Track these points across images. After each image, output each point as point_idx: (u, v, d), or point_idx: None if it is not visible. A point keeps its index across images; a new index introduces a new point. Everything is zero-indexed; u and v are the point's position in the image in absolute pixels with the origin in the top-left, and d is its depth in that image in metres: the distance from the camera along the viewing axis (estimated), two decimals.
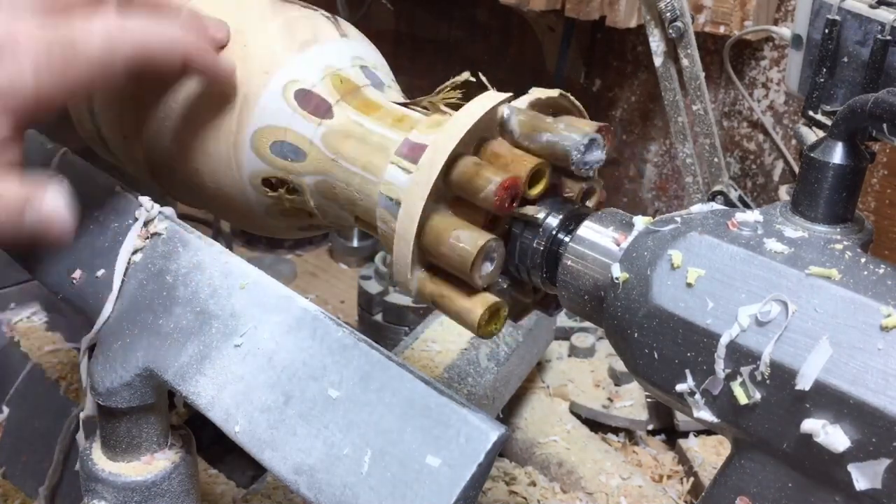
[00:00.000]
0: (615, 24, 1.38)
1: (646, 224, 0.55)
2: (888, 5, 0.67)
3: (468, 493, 0.46)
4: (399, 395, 0.50)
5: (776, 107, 1.47)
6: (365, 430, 0.49)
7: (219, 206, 0.73)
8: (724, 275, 0.48)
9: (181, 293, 0.59)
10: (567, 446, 1.12)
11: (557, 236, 0.59)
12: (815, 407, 0.44)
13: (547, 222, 0.59)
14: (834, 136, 0.51)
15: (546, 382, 1.23)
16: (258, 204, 0.69)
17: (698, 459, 1.12)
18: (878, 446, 0.42)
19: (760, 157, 1.51)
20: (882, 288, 0.45)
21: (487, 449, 0.46)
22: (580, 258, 0.57)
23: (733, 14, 1.35)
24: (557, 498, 1.07)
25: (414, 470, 0.47)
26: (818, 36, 0.70)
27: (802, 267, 0.47)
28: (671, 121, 1.24)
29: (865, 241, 0.51)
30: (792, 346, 0.45)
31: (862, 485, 0.43)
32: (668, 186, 1.63)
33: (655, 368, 0.50)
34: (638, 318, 0.51)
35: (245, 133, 0.66)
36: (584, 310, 0.58)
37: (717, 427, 0.49)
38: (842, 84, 0.69)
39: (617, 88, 1.65)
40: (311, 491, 0.50)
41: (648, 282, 0.50)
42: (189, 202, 0.77)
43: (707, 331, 0.48)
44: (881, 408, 0.42)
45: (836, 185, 0.51)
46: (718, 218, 0.53)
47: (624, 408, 1.19)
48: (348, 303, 1.55)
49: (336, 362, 0.52)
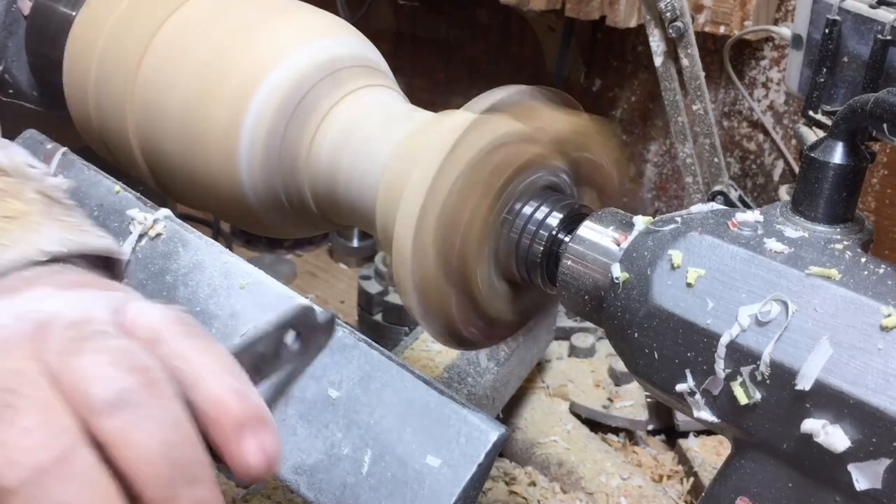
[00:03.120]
0: (615, 24, 1.38)
1: (646, 224, 0.55)
2: (888, 5, 0.67)
3: (468, 493, 0.46)
4: (399, 395, 0.50)
5: (776, 107, 1.47)
6: (365, 430, 0.49)
7: (218, 206, 0.73)
8: (725, 275, 0.48)
9: (181, 293, 0.59)
10: (567, 446, 1.12)
11: (557, 236, 0.58)
12: (815, 407, 0.44)
13: (547, 222, 0.59)
14: (834, 135, 0.51)
15: (546, 382, 1.23)
16: (258, 204, 0.69)
17: (698, 459, 1.12)
18: (878, 446, 0.42)
19: (760, 157, 1.51)
20: (882, 288, 0.45)
21: (487, 449, 0.46)
22: (580, 258, 0.57)
23: (733, 14, 1.35)
24: (557, 498, 1.07)
25: (414, 470, 0.47)
26: (818, 36, 0.70)
27: (802, 267, 0.47)
28: (671, 121, 1.24)
29: (865, 241, 0.51)
30: (792, 346, 0.45)
31: (862, 485, 0.43)
32: (668, 186, 1.63)
33: (655, 368, 0.50)
34: (638, 318, 0.51)
35: (244, 133, 0.66)
36: (584, 310, 0.58)
37: (717, 427, 0.49)
38: (842, 84, 0.69)
39: (617, 88, 1.65)
40: (311, 491, 0.50)
41: (648, 282, 0.50)
42: (189, 202, 0.77)
43: (707, 331, 0.48)
44: (881, 408, 0.42)
45: (836, 185, 0.51)
46: (718, 218, 0.53)
47: (624, 408, 1.19)
48: (348, 303, 1.55)
49: (336, 362, 0.52)
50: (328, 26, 0.71)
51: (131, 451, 0.38)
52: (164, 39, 0.71)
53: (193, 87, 0.68)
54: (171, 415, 0.39)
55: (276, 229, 0.75)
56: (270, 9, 0.71)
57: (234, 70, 0.67)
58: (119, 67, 0.73)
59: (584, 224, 0.58)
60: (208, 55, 0.69)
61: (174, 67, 0.70)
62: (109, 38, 0.74)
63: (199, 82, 0.68)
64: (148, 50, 0.71)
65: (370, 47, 0.73)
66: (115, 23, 0.75)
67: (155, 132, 0.71)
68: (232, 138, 0.66)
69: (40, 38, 0.82)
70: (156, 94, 0.70)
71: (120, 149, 0.76)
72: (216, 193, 0.70)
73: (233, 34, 0.69)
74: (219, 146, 0.67)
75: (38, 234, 0.47)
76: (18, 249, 0.45)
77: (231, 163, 0.67)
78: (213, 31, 0.70)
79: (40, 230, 0.47)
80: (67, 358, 0.39)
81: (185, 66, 0.69)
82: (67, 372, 0.39)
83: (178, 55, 0.70)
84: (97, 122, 0.77)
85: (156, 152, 0.72)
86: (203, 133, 0.68)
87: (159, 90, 0.70)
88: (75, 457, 0.37)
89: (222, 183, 0.69)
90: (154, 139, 0.71)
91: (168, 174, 0.73)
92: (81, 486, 0.37)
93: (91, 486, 0.37)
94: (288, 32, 0.69)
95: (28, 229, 0.47)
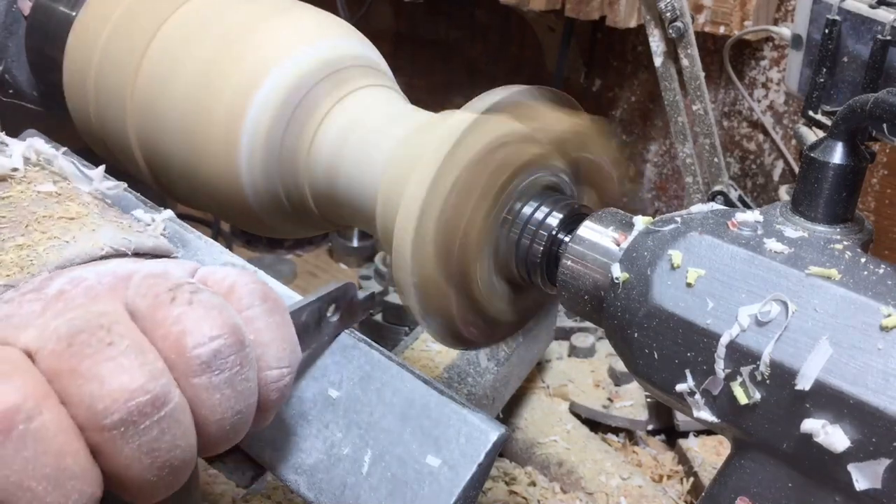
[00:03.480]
0: (615, 24, 1.38)
1: (646, 224, 0.55)
2: (888, 5, 0.67)
3: (468, 493, 0.46)
4: (399, 395, 0.50)
5: (776, 107, 1.47)
6: (365, 430, 0.49)
7: (218, 206, 0.73)
8: (724, 275, 0.48)
9: None
10: (567, 446, 1.12)
11: (557, 236, 0.58)
12: (815, 407, 0.44)
13: (547, 222, 0.59)
14: (834, 136, 0.51)
15: (546, 382, 1.23)
16: (258, 204, 0.69)
17: (698, 459, 1.12)
18: (878, 446, 0.42)
19: (760, 157, 1.51)
20: (882, 288, 0.45)
21: (487, 449, 0.46)
22: (580, 258, 0.57)
23: (733, 14, 1.35)
24: (557, 498, 1.07)
25: (414, 470, 0.47)
26: (818, 36, 0.70)
27: (802, 267, 0.47)
28: (671, 121, 1.24)
29: (865, 241, 0.51)
30: (792, 346, 0.45)
31: (862, 485, 0.43)
32: (668, 186, 1.63)
33: (655, 368, 0.50)
34: (638, 318, 0.51)
35: (244, 132, 0.66)
36: (584, 310, 0.58)
37: (717, 427, 0.49)
38: (842, 84, 0.69)
39: (617, 88, 1.65)
40: (311, 491, 0.50)
41: (648, 282, 0.50)
42: (189, 202, 0.77)
43: (707, 331, 0.48)
44: (881, 408, 0.42)
45: (836, 185, 0.51)
46: (718, 218, 0.53)
47: (624, 408, 1.19)
48: None
49: (336, 362, 0.52)
50: (328, 26, 0.71)
51: (206, 410, 0.40)
52: (164, 40, 0.71)
53: (193, 88, 0.68)
54: (248, 386, 0.42)
55: (276, 229, 0.75)
56: (270, 9, 0.71)
57: (234, 70, 0.67)
58: (119, 67, 0.73)
59: (584, 224, 0.58)
60: (208, 55, 0.69)
61: (174, 68, 0.70)
62: (110, 38, 0.74)
63: (199, 82, 0.68)
64: (148, 50, 0.71)
65: (370, 47, 0.73)
66: (115, 23, 0.75)
67: (155, 132, 0.71)
68: (232, 138, 0.66)
69: (40, 38, 0.82)
70: (156, 95, 0.70)
71: (120, 148, 0.76)
72: (216, 193, 0.70)
73: (233, 34, 0.69)
74: (219, 146, 0.67)
75: (97, 233, 0.48)
76: (80, 246, 0.47)
77: (231, 163, 0.67)
78: (214, 31, 0.70)
79: (99, 230, 0.48)
80: (158, 305, 0.40)
81: (185, 66, 0.69)
82: (160, 319, 0.40)
83: (177, 56, 0.70)
84: (97, 122, 0.77)
85: (156, 152, 0.72)
86: (203, 133, 0.68)
87: (159, 90, 0.70)
88: (168, 402, 0.39)
89: (222, 183, 0.69)
90: (154, 139, 0.71)
91: (168, 174, 0.73)
92: (172, 429, 0.39)
93: (180, 430, 0.39)
94: (288, 32, 0.69)
95: (87, 228, 0.48)
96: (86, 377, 0.37)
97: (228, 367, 0.41)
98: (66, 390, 0.37)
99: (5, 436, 0.35)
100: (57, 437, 0.37)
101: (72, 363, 0.37)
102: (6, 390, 0.36)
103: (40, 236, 0.46)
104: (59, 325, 0.39)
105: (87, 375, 0.37)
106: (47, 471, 0.36)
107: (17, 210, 0.48)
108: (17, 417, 0.36)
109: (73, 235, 0.47)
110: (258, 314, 0.44)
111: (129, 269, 0.43)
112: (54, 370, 0.38)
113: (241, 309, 0.43)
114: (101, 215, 0.50)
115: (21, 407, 0.36)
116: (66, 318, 0.39)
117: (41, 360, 0.38)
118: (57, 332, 0.38)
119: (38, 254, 0.45)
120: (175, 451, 0.39)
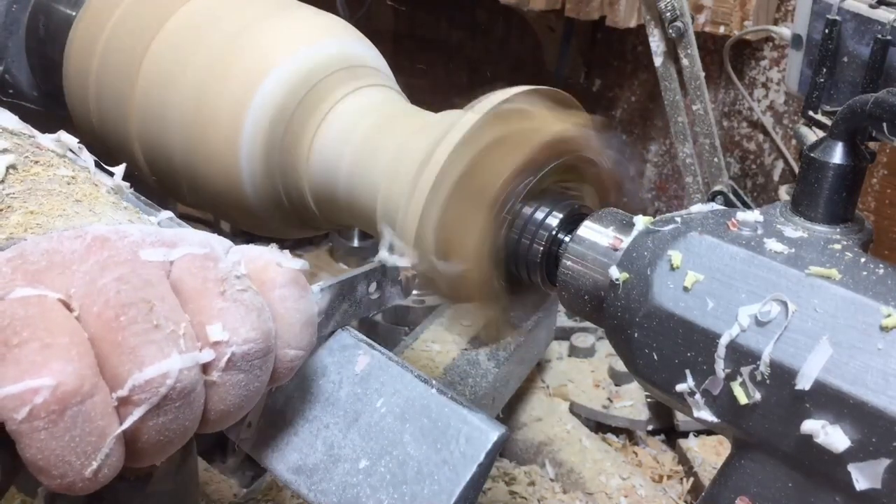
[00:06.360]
0: (615, 24, 1.38)
1: (646, 224, 0.55)
2: (888, 5, 0.67)
3: (468, 493, 0.46)
4: (399, 395, 0.50)
5: (776, 107, 1.47)
6: (365, 431, 0.49)
7: (218, 205, 0.73)
8: (725, 275, 0.48)
9: None
10: (567, 446, 1.12)
11: (557, 236, 0.58)
12: (815, 407, 0.44)
13: (547, 222, 0.59)
14: (834, 136, 0.51)
15: (546, 382, 1.23)
16: (258, 204, 0.69)
17: (698, 459, 1.12)
18: (878, 446, 0.42)
19: (760, 157, 1.51)
20: (882, 288, 0.45)
21: (487, 449, 0.46)
22: (580, 258, 0.57)
23: (733, 14, 1.35)
24: (557, 498, 1.07)
25: (414, 470, 0.47)
26: (818, 36, 0.70)
27: (802, 267, 0.47)
28: (671, 121, 1.24)
29: (865, 241, 0.51)
30: (792, 346, 0.45)
31: (862, 485, 0.43)
32: (668, 186, 1.63)
33: (655, 368, 0.50)
34: (638, 318, 0.51)
35: (245, 133, 0.66)
36: (584, 310, 0.58)
37: (717, 427, 0.49)
38: (842, 84, 0.69)
39: (617, 88, 1.65)
40: (311, 491, 0.50)
41: (648, 282, 0.50)
42: (189, 202, 0.77)
43: (707, 331, 0.48)
44: (881, 408, 0.42)
45: (836, 185, 0.51)
46: (718, 218, 0.53)
47: (624, 408, 1.19)
48: None
49: (336, 362, 0.52)
50: (328, 26, 0.71)
51: (217, 399, 0.43)
52: (165, 40, 0.71)
53: (194, 88, 0.68)
54: (258, 386, 0.44)
55: (277, 229, 0.75)
56: (270, 9, 0.71)
57: (235, 71, 0.67)
58: (120, 67, 0.73)
59: (583, 224, 0.58)
60: (209, 56, 0.69)
61: (175, 68, 0.70)
62: (110, 38, 0.74)
63: (199, 83, 0.68)
64: (149, 50, 0.71)
65: (370, 47, 0.73)
66: (116, 23, 0.75)
67: (156, 132, 0.71)
68: (233, 138, 0.66)
69: (41, 38, 0.82)
70: (157, 95, 0.70)
71: (120, 148, 0.76)
72: (217, 193, 0.70)
73: (233, 35, 0.69)
74: (219, 146, 0.67)
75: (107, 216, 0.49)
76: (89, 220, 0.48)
77: (232, 162, 0.67)
78: (214, 31, 0.70)
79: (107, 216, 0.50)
80: (205, 292, 0.42)
81: (186, 66, 0.69)
82: (204, 307, 0.42)
83: (178, 56, 0.70)
84: (98, 123, 0.77)
85: (157, 152, 0.72)
86: (204, 133, 0.68)
87: (160, 90, 0.70)
88: (193, 391, 0.41)
89: (223, 182, 0.69)
90: (155, 139, 0.71)
91: (169, 174, 0.73)
92: (186, 414, 0.41)
93: (192, 415, 0.42)
94: (288, 33, 0.69)
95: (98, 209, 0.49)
96: (128, 356, 0.39)
97: (250, 368, 0.43)
98: (106, 360, 0.39)
99: (59, 415, 0.37)
100: (103, 418, 0.39)
101: (118, 338, 0.39)
102: (68, 371, 0.37)
103: (51, 207, 0.47)
104: (108, 286, 0.40)
105: (129, 354, 0.39)
106: (88, 448, 0.38)
107: (35, 184, 0.49)
108: (73, 400, 0.37)
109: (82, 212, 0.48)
110: (287, 295, 0.45)
111: (173, 236, 0.44)
112: (100, 337, 0.39)
113: (274, 287, 0.45)
114: (115, 206, 0.51)
115: (79, 390, 0.37)
116: (115, 275, 0.40)
117: (87, 321, 0.39)
118: (105, 296, 0.39)
119: (46, 220, 0.46)
120: (183, 431, 0.41)
